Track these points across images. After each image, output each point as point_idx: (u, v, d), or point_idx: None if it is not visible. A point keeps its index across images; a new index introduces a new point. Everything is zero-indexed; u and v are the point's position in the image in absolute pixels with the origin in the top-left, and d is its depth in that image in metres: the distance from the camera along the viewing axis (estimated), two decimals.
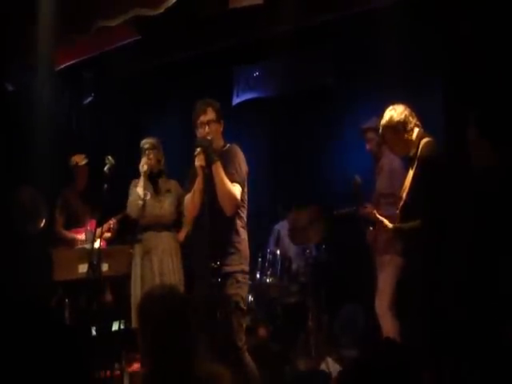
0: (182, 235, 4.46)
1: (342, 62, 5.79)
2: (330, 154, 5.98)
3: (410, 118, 3.38)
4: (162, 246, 4.27)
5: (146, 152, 4.35)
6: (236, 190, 3.25)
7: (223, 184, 3.20)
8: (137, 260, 4.25)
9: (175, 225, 4.42)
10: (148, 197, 4.26)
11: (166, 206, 4.34)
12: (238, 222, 3.34)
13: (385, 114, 3.44)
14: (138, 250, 4.29)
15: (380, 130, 3.51)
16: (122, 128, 6.72)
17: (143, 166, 4.29)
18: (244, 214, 3.39)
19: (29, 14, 4.71)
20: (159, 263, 4.21)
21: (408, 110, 3.42)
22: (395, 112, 3.40)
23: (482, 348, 3.15)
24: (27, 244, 3.49)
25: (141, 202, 4.21)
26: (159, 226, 4.30)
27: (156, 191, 4.37)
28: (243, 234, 3.37)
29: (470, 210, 3.53)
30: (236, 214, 3.32)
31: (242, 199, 3.34)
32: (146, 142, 4.42)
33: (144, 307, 2.18)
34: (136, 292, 4.18)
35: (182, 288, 4.17)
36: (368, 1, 4.91)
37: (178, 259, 4.32)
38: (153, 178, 4.39)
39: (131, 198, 4.31)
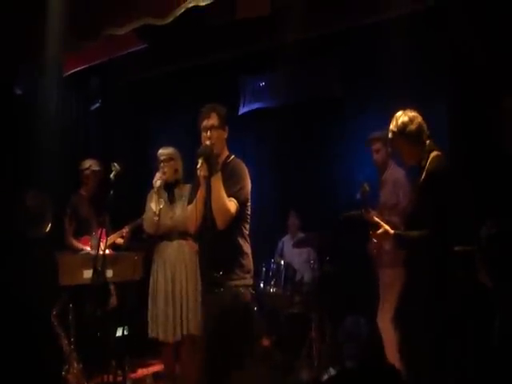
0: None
1: (347, 72, 5.81)
2: (336, 164, 5.98)
3: (425, 128, 3.16)
4: (175, 255, 4.21)
5: (161, 165, 4.22)
6: (231, 204, 3.16)
7: (218, 197, 3.12)
8: (153, 269, 4.25)
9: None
10: (162, 205, 4.14)
11: (178, 214, 4.19)
12: (240, 237, 3.28)
13: (399, 120, 3.15)
14: (155, 259, 4.27)
15: (391, 136, 3.21)
16: (128, 134, 6.73)
17: (156, 182, 4.16)
18: (247, 228, 3.33)
19: (37, 19, 4.75)
20: (172, 272, 4.17)
21: (421, 118, 3.17)
22: (409, 119, 3.13)
23: (487, 359, 3.13)
24: (33, 248, 3.48)
25: (156, 218, 4.09)
26: (173, 234, 4.22)
27: (171, 200, 4.26)
28: (246, 248, 3.30)
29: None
30: (237, 228, 3.25)
31: (244, 215, 3.28)
32: (161, 154, 4.26)
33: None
34: (151, 301, 4.20)
35: (197, 295, 4.03)
36: (374, 13, 4.92)
37: (194, 267, 4.17)
38: (168, 188, 4.26)
39: (146, 215, 4.22)
